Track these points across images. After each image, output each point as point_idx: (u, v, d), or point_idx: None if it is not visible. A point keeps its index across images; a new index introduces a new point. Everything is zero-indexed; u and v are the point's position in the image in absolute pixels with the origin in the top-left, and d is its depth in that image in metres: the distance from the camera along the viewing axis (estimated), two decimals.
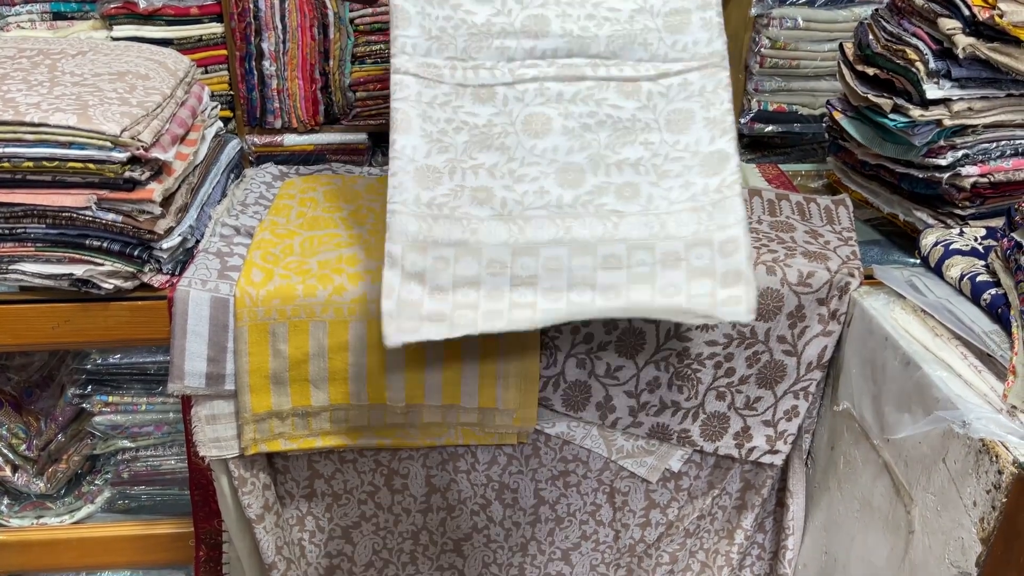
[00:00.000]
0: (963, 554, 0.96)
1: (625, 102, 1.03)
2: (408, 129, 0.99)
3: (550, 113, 1.02)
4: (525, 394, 1.23)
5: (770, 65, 2.31)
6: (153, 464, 1.42)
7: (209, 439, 1.22)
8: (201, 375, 1.18)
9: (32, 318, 1.20)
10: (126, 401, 1.37)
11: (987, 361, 1.03)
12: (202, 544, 1.37)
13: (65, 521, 1.44)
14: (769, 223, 1.36)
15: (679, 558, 1.44)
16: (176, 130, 1.23)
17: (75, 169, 1.11)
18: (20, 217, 1.14)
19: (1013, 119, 1.23)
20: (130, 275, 1.19)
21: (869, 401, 1.18)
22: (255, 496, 1.27)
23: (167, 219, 1.19)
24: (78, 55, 1.31)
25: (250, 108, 2.29)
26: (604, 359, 1.24)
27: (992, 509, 0.92)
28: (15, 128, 1.10)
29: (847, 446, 1.25)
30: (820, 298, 1.22)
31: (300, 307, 1.17)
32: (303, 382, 1.21)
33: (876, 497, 1.16)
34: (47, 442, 1.40)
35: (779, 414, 1.30)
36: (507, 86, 1.01)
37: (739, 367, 1.26)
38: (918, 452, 1.05)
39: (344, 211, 1.38)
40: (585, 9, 1.05)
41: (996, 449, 0.91)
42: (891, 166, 1.36)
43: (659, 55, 1.03)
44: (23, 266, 1.17)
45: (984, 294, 1.07)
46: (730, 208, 1.01)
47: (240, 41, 2.21)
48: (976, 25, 1.17)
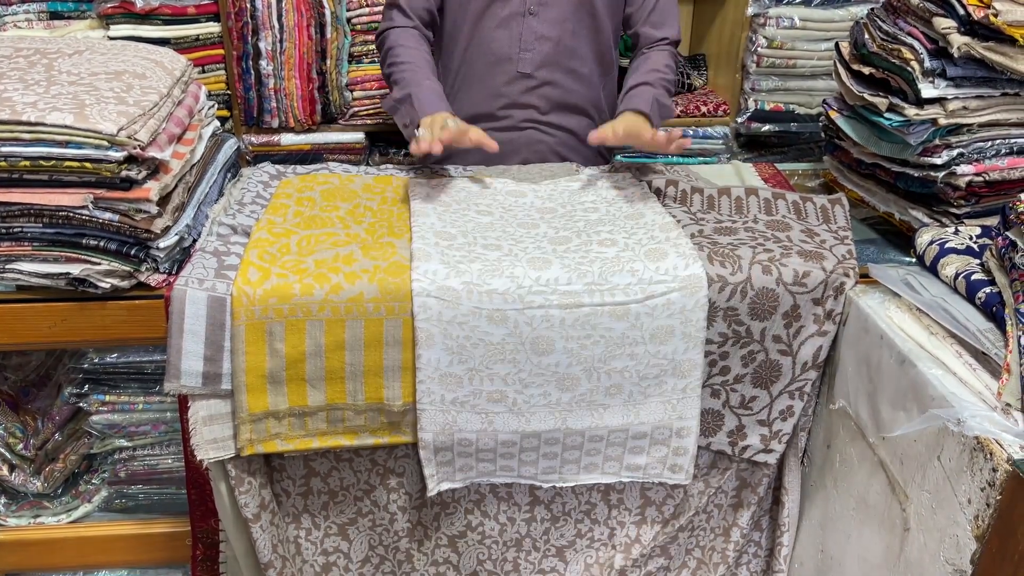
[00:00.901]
0: (958, 551, 0.97)
1: (616, 324, 1.19)
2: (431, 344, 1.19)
3: (553, 336, 1.19)
4: None
5: (767, 64, 2.32)
6: (150, 463, 1.42)
7: (206, 440, 1.22)
8: (198, 374, 1.18)
9: (29, 317, 1.20)
10: (123, 400, 1.37)
11: (982, 359, 1.03)
12: (199, 543, 1.37)
13: (62, 520, 1.44)
14: (765, 222, 1.37)
15: (675, 555, 1.45)
16: (173, 129, 1.23)
17: (72, 168, 1.11)
18: (17, 216, 1.14)
19: (1008, 118, 1.24)
20: (127, 274, 1.19)
21: (865, 399, 1.18)
22: (252, 495, 1.27)
23: (164, 218, 1.19)
24: (75, 54, 1.31)
25: (247, 107, 2.29)
26: None
27: (987, 506, 0.92)
28: (12, 127, 1.10)
29: (843, 444, 1.25)
30: (816, 298, 1.23)
31: (297, 306, 1.17)
32: (300, 381, 1.21)
33: (872, 495, 1.17)
34: (44, 441, 1.40)
35: (774, 414, 1.31)
36: (518, 312, 1.18)
37: (734, 366, 1.27)
38: (913, 450, 1.05)
39: (341, 210, 1.38)
40: (578, 254, 1.25)
41: (990, 447, 0.91)
42: (887, 165, 1.37)
43: (645, 279, 1.19)
44: (20, 265, 1.17)
45: (979, 292, 1.08)
46: (690, 405, 1.26)
47: (237, 40, 2.21)
48: (971, 24, 1.17)
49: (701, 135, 2.45)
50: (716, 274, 1.21)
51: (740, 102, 2.41)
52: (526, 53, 1.63)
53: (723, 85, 2.49)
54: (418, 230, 1.29)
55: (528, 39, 1.63)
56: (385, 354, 1.20)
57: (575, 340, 1.20)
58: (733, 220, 1.38)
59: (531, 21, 1.62)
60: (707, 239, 1.30)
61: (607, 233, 1.31)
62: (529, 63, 1.64)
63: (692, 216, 1.40)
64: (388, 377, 1.21)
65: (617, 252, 1.25)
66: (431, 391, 1.21)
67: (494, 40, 1.64)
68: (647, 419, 1.26)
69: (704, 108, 2.43)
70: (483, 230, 1.32)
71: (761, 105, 2.36)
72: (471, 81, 1.68)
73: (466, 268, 1.20)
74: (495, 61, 1.65)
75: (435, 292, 1.17)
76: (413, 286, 1.18)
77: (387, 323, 1.18)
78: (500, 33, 1.63)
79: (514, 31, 1.63)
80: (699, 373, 1.24)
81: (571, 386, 1.23)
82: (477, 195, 1.45)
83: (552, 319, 1.19)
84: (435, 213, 1.36)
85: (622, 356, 1.22)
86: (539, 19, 1.62)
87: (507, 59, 1.64)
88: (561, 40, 1.64)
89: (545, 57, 1.64)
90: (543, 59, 1.64)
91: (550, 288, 1.19)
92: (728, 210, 1.42)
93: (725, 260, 1.23)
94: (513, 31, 1.63)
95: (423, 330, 1.18)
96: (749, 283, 1.21)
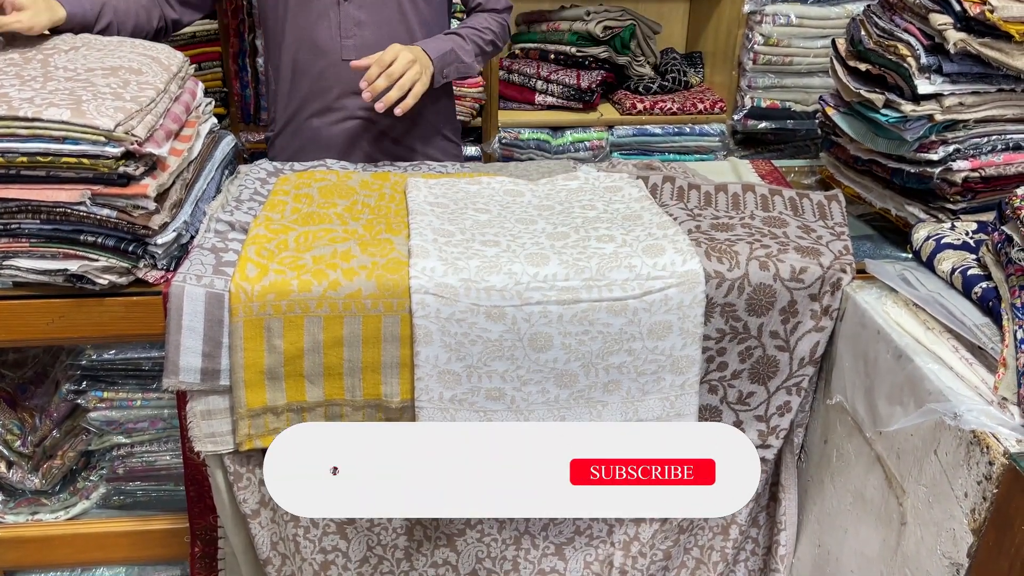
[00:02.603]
0: (955, 545, 0.97)
1: (614, 319, 1.19)
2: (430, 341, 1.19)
3: (551, 332, 1.19)
4: None
5: (763, 62, 2.33)
6: (148, 460, 1.42)
7: (204, 434, 1.22)
8: (196, 370, 1.18)
9: (27, 314, 1.20)
10: (121, 397, 1.37)
11: (978, 354, 1.04)
12: (197, 540, 1.37)
13: (60, 517, 1.44)
14: (762, 218, 1.37)
15: (673, 555, 1.45)
16: (170, 125, 1.23)
17: (69, 164, 1.11)
18: (14, 213, 1.14)
19: (1004, 114, 1.25)
20: (125, 271, 1.19)
21: (862, 394, 1.18)
22: (250, 491, 1.27)
23: (162, 214, 1.19)
24: (71, 50, 1.31)
25: (243, 105, 2.29)
26: None
27: (983, 500, 0.92)
28: (9, 123, 1.10)
29: (840, 439, 1.26)
30: (812, 294, 1.23)
31: (295, 302, 1.17)
32: (298, 377, 1.21)
33: (869, 489, 1.17)
34: (42, 438, 1.40)
35: (771, 409, 1.31)
36: (516, 308, 1.18)
37: (731, 362, 1.27)
38: (910, 444, 1.06)
39: (339, 206, 1.38)
40: (576, 250, 1.25)
41: (987, 440, 0.92)
42: (883, 161, 1.38)
43: (643, 275, 1.20)
44: (18, 262, 1.17)
45: (975, 287, 1.08)
46: (688, 402, 1.26)
47: (234, 37, 2.21)
48: (967, 20, 1.18)
49: (698, 132, 2.46)
50: (713, 270, 1.21)
51: (736, 99, 2.42)
52: (348, 40, 1.65)
53: (720, 82, 2.49)
54: (416, 227, 1.30)
55: (347, 26, 1.64)
56: (383, 351, 1.20)
57: (573, 336, 1.20)
58: (730, 216, 1.38)
59: (347, 8, 1.63)
60: (704, 235, 1.30)
61: (605, 229, 1.31)
62: (352, 50, 1.64)
63: (689, 212, 1.40)
64: (386, 374, 1.21)
65: (615, 248, 1.25)
66: (429, 388, 1.21)
67: (315, 31, 1.65)
68: (645, 415, 1.27)
69: (701, 105, 2.44)
70: (481, 227, 1.33)
71: (757, 102, 2.37)
72: (300, 76, 1.70)
73: (464, 265, 1.20)
74: (320, 52, 1.66)
75: (433, 289, 1.18)
76: (411, 283, 1.18)
77: (385, 320, 1.19)
78: (320, 23, 1.64)
79: (332, 20, 1.64)
80: (697, 369, 1.25)
81: (569, 382, 1.23)
82: (475, 194, 1.46)
83: (550, 315, 1.19)
84: (433, 211, 1.36)
85: (620, 352, 1.22)
86: (355, 5, 1.63)
87: (330, 49, 1.65)
88: (381, 24, 1.65)
89: (366, 42, 1.64)
90: (364, 44, 1.64)
91: (548, 284, 1.19)
92: (725, 206, 1.43)
93: (722, 256, 1.23)
94: (332, 20, 1.64)
95: (421, 327, 1.18)
96: (746, 279, 1.22)
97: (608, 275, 1.20)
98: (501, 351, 1.20)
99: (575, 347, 1.21)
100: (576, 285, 1.19)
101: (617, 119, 2.48)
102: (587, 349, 1.21)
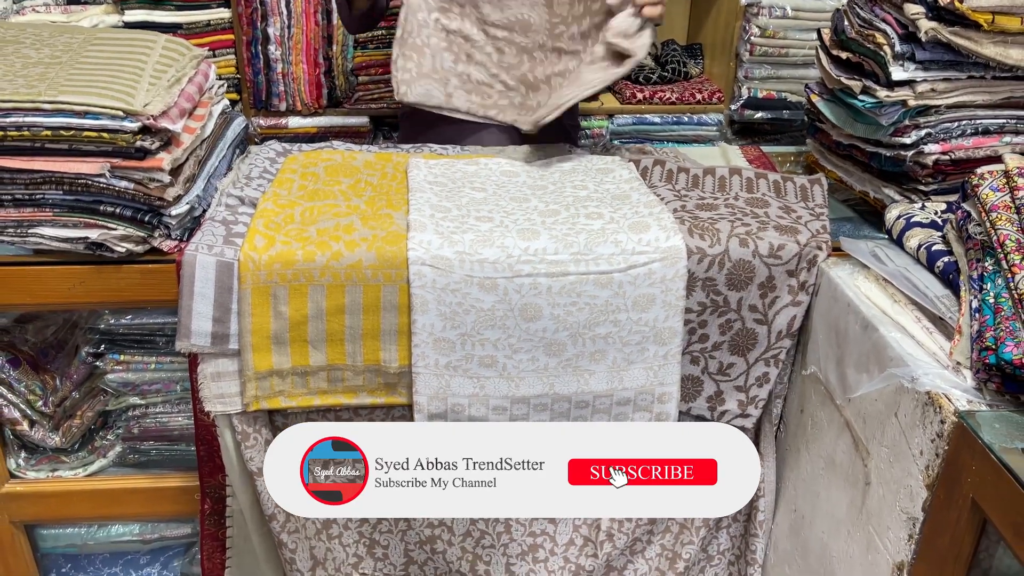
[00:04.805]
0: (911, 500, 1.03)
1: (600, 292, 1.26)
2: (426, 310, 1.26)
3: (541, 303, 1.25)
4: None
5: (760, 53, 2.37)
6: (161, 421, 1.48)
7: (214, 395, 1.29)
8: (207, 334, 1.25)
9: (50, 279, 1.27)
10: (136, 360, 1.44)
11: (938, 323, 1.10)
12: (207, 497, 1.43)
13: (79, 474, 1.51)
14: (745, 199, 1.43)
15: (657, 520, 1.51)
16: (184, 104, 1.30)
17: (90, 138, 1.19)
18: (39, 183, 1.22)
19: (974, 100, 1.30)
20: (141, 239, 1.26)
21: (833, 364, 1.25)
22: (257, 450, 1.34)
23: (176, 187, 1.26)
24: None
25: (256, 91, 2.36)
26: None
27: (936, 456, 0.99)
28: (35, 99, 1.18)
29: (814, 408, 1.32)
30: (790, 269, 1.29)
31: (300, 271, 1.24)
32: (302, 343, 1.28)
33: (839, 454, 1.24)
34: (62, 399, 1.47)
35: (751, 380, 1.37)
36: (507, 280, 1.25)
37: (712, 334, 1.34)
38: (874, 408, 1.12)
39: (343, 184, 1.45)
40: (566, 226, 1.31)
41: (940, 401, 0.98)
42: (862, 145, 1.43)
43: (628, 249, 1.26)
44: (42, 230, 1.24)
45: (938, 262, 1.14)
46: (671, 371, 1.33)
47: (247, 26, 2.28)
48: (938, 10, 1.23)
49: (696, 122, 2.51)
50: (695, 246, 1.28)
51: (734, 90, 2.47)
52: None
53: (718, 73, 2.55)
54: (415, 203, 1.36)
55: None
56: (382, 318, 1.27)
57: (561, 307, 1.27)
58: (715, 197, 1.45)
59: None
60: (689, 214, 1.36)
61: (594, 207, 1.38)
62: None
63: (676, 193, 1.46)
64: (385, 340, 1.28)
65: (602, 225, 1.31)
66: (425, 355, 1.28)
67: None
68: (630, 384, 1.33)
69: (699, 96, 2.49)
70: (476, 204, 1.39)
71: (754, 93, 2.42)
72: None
73: (459, 238, 1.27)
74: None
75: (429, 260, 1.24)
76: (409, 255, 1.25)
77: (384, 289, 1.26)
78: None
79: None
80: (679, 340, 1.31)
81: (558, 351, 1.30)
82: (472, 174, 1.52)
83: (540, 287, 1.25)
84: (432, 189, 1.43)
85: (606, 323, 1.28)
86: None
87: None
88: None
89: None
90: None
91: (538, 257, 1.26)
92: (711, 188, 1.49)
93: (704, 233, 1.29)
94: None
95: (418, 296, 1.25)
96: (727, 255, 1.28)
97: (595, 250, 1.26)
98: (493, 320, 1.27)
99: (563, 317, 1.27)
100: (564, 259, 1.26)
101: (617, 108, 2.53)
102: (575, 319, 1.27)
